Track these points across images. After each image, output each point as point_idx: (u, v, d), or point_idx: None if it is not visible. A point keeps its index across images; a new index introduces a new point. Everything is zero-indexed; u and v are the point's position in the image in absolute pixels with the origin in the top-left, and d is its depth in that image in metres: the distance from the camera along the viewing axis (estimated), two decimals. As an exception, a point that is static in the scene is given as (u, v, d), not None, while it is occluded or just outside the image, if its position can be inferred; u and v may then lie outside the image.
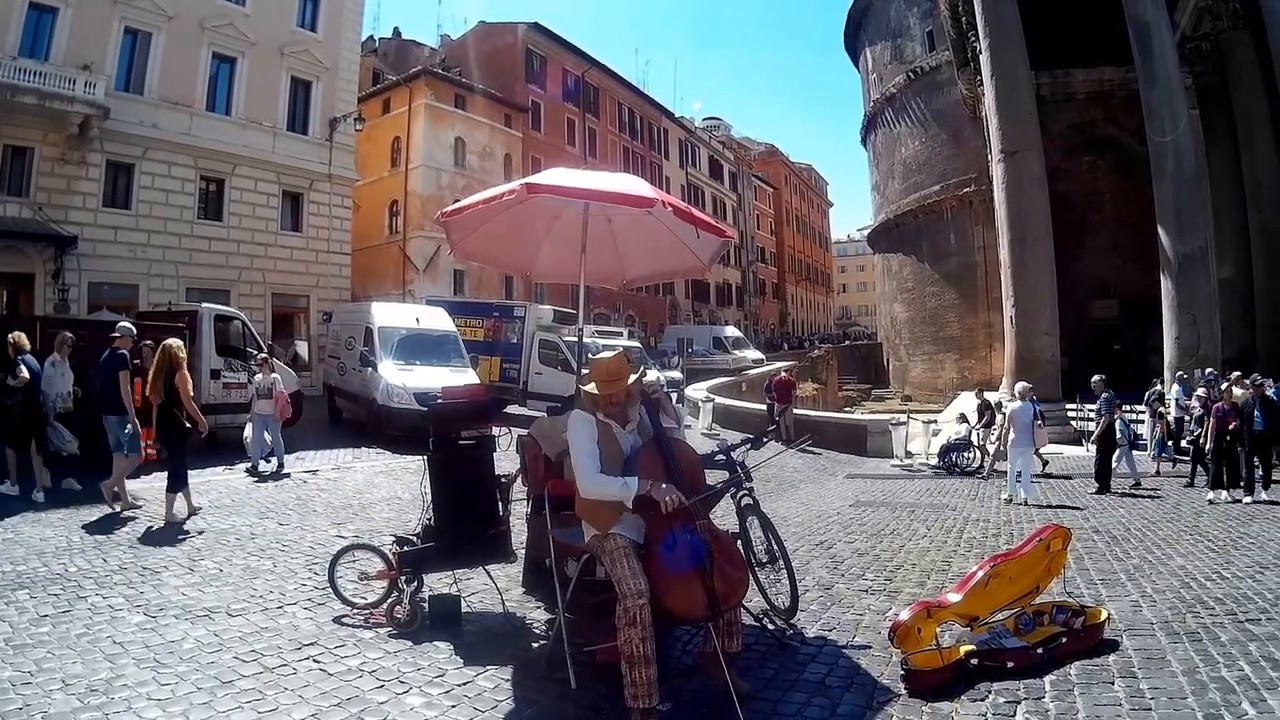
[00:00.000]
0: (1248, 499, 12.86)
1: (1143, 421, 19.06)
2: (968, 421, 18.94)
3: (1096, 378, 15.81)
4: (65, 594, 6.54)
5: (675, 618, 4.54)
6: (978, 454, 18.26)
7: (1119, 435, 15.16)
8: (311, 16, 30.75)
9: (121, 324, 10.96)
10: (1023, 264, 26.60)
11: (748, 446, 7.13)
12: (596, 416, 4.83)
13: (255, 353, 17.27)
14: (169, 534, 8.79)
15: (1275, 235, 26.49)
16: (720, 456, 6.76)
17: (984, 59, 28.79)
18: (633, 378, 4.90)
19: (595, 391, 4.82)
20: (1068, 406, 24.68)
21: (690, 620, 4.72)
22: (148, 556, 7.81)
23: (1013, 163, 27.06)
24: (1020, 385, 15.55)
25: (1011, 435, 14.21)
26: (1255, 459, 13.45)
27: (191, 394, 9.85)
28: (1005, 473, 14.68)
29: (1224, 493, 13.25)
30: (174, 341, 9.95)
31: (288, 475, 12.88)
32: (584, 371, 5.74)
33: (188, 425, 9.73)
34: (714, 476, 6.60)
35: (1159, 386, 20.46)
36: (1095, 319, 34.86)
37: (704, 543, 4.54)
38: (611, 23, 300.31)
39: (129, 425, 9.69)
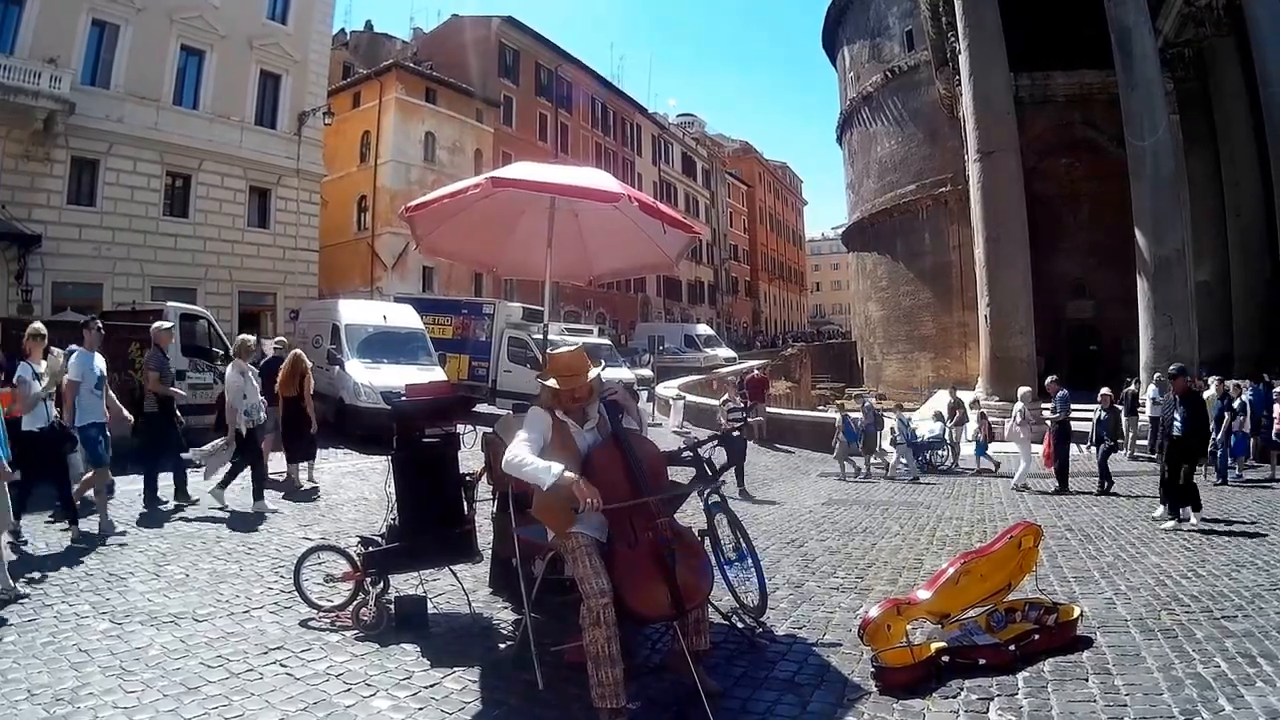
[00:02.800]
0: (1193, 519, 10.64)
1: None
2: (943, 420, 18.91)
3: (1051, 378, 15.86)
4: (31, 602, 6.42)
5: (639, 617, 4.47)
6: (950, 451, 18.28)
7: (1101, 434, 15.37)
8: (282, 9, 30.50)
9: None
10: (998, 264, 26.67)
11: (715, 444, 7.06)
12: (555, 414, 4.74)
13: (220, 352, 17.11)
14: (134, 540, 8.62)
15: (1253, 239, 26.72)
16: (688, 454, 6.68)
17: (963, 59, 28.85)
18: (593, 373, 4.80)
19: (555, 386, 4.72)
20: (1044, 406, 24.75)
21: (655, 619, 4.69)
22: (114, 563, 7.69)
23: (989, 163, 27.13)
24: (1023, 390, 15.99)
25: (1021, 434, 15.13)
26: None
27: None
28: (990, 470, 17.15)
29: (1169, 520, 10.76)
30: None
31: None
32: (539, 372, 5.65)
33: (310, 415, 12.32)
34: (684, 475, 6.56)
35: (1133, 386, 20.56)
36: (1071, 319, 35.03)
37: (666, 541, 4.46)
38: (586, 18, 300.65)
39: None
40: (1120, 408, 18.49)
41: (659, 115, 76.06)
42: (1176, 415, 11.08)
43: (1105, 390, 16.26)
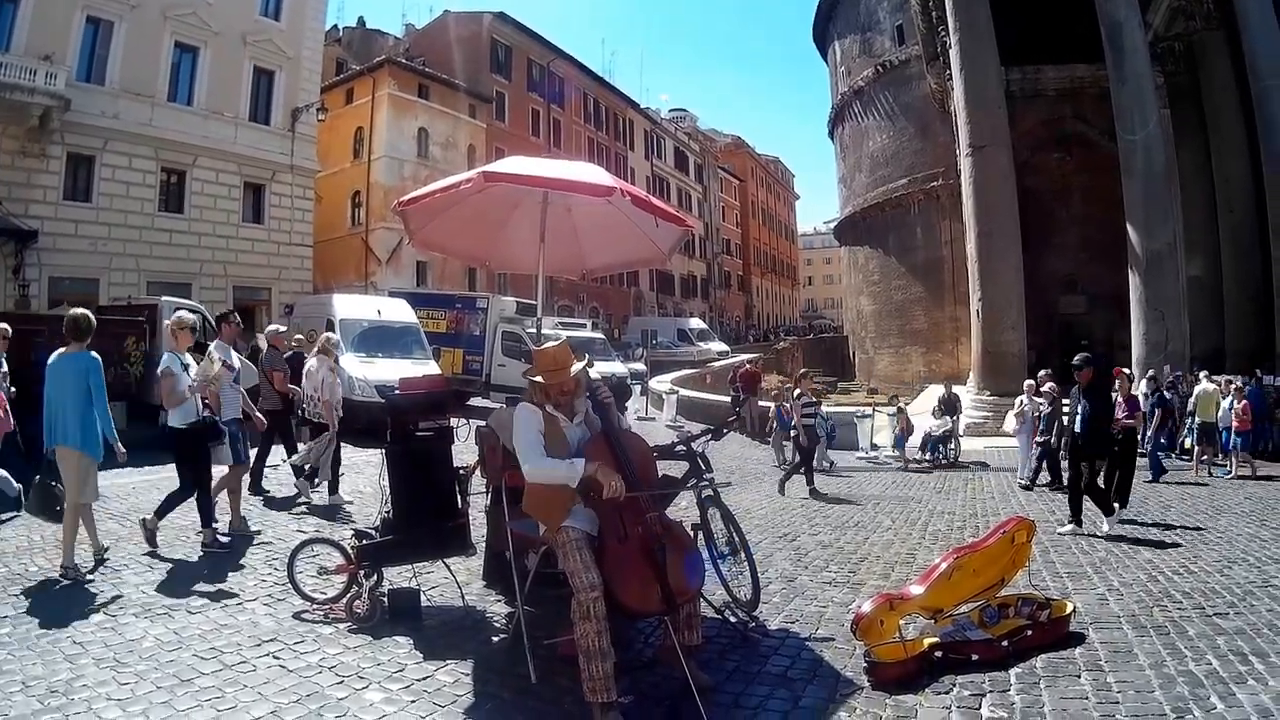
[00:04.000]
0: (1105, 525, 9.92)
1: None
2: (949, 414, 18.96)
3: (1042, 372, 15.86)
4: (26, 594, 6.42)
5: (630, 612, 4.48)
6: (957, 445, 18.38)
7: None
8: (275, 5, 30.46)
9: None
10: (990, 258, 26.73)
11: (708, 438, 7.05)
12: (544, 409, 4.74)
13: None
14: (129, 532, 8.55)
15: (1244, 234, 26.75)
16: (680, 448, 6.67)
17: (954, 53, 28.90)
18: (578, 366, 4.80)
19: (542, 381, 4.73)
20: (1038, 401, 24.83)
21: (645, 614, 4.71)
22: (108, 554, 7.64)
23: (981, 157, 27.17)
24: (1028, 383, 15.89)
25: (1022, 429, 15.19)
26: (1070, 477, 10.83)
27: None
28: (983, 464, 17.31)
29: (1103, 523, 9.98)
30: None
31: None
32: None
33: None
34: (676, 469, 6.55)
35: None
36: (1063, 314, 35.06)
37: (656, 535, 4.47)
38: (578, 13, 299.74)
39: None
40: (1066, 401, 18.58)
41: (651, 110, 76.03)
42: (1078, 410, 10.31)
43: (1050, 384, 14.73)
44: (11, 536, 8.29)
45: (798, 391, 15.37)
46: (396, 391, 6.77)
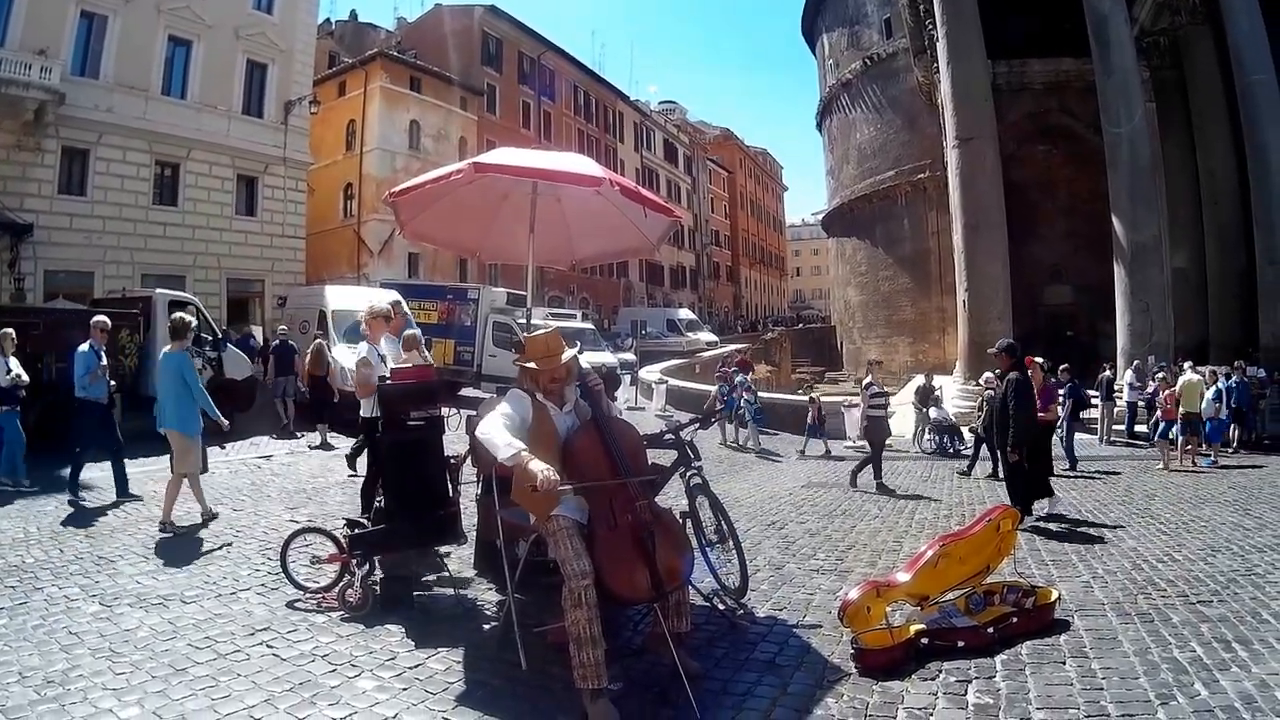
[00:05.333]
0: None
1: (1095, 405, 19.50)
2: (924, 405, 19.04)
3: (1038, 359, 15.98)
4: (22, 585, 6.47)
5: (620, 599, 4.50)
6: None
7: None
8: (268, -1, 30.40)
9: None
10: (976, 250, 26.79)
11: (696, 426, 7.09)
12: (535, 397, 4.76)
13: (209, 338, 17.11)
14: (124, 524, 8.70)
15: (1228, 227, 26.88)
16: (669, 436, 6.70)
17: (941, 47, 28.91)
18: (569, 353, 4.83)
19: (533, 367, 4.75)
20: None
21: (635, 601, 4.73)
22: (103, 546, 7.73)
23: (967, 149, 27.22)
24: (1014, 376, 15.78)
25: None
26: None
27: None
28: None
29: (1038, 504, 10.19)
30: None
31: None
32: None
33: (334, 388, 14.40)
34: (665, 458, 6.58)
35: (1108, 372, 20.73)
36: (1049, 305, 35.16)
37: (646, 523, 4.50)
38: (569, 6, 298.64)
39: None
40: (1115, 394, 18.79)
41: (641, 102, 76.01)
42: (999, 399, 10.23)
43: (988, 374, 14.53)
44: (8, 528, 8.31)
45: (868, 379, 14.81)
46: (388, 382, 6.79)
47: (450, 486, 6.44)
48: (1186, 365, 17.54)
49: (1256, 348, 22.91)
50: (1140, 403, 19.18)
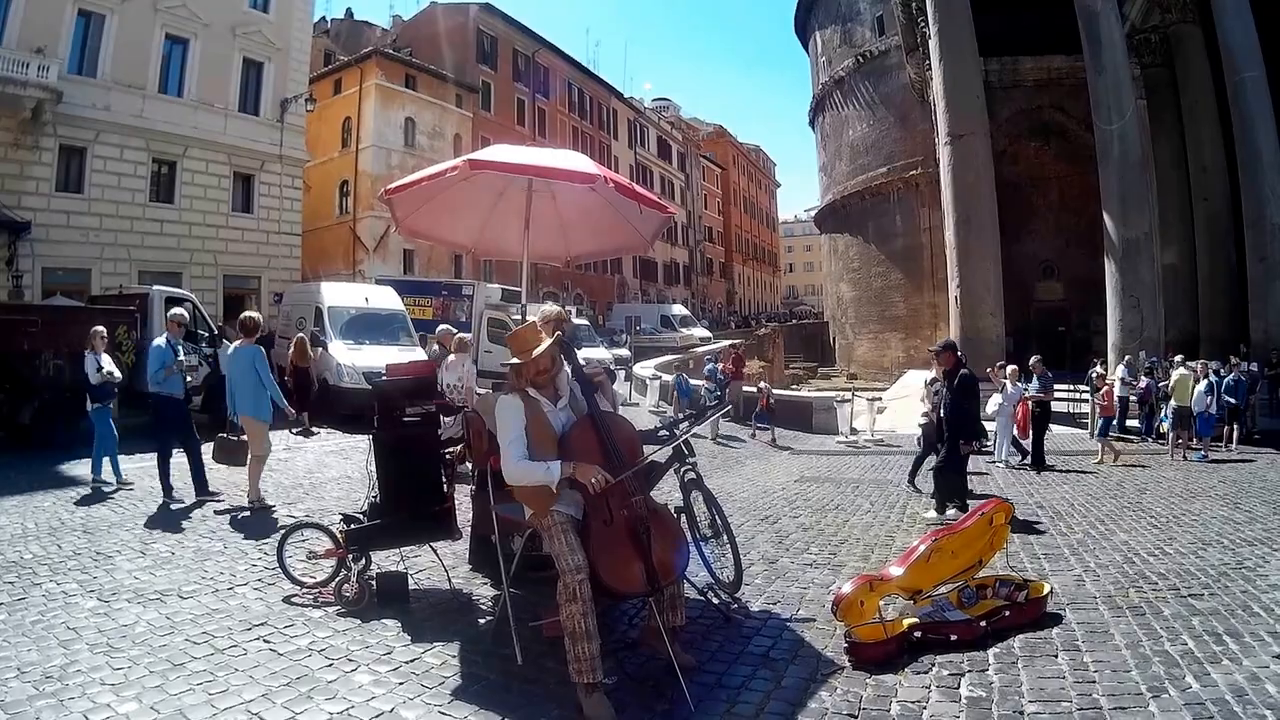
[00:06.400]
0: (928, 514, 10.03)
1: (1087, 400, 19.57)
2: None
3: (1035, 358, 16.02)
4: (20, 581, 6.47)
5: (614, 593, 4.51)
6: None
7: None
8: (265, -4, 30.43)
9: None
10: (968, 245, 26.80)
11: (691, 422, 7.10)
12: (526, 393, 4.70)
13: (205, 334, 17.11)
14: (122, 519, 8.70)
15: (1218, 223, 27.01)
16: (663, 431, 6.72)
17: (933, 44, 28.90)
18: (544, 344, 4.68)
19: (517, 363, 4.72)
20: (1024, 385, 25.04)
21: (629, 595, 4.73)
22: (101, 541, 7.74)
23: (959, 146, 27.23)
24: (1011, 368, 15.81)
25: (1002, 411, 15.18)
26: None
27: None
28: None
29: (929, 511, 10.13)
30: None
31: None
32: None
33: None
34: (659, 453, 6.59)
35: (1099, 367, 20.80)
36: (1040, 300, 35.32)
37: (641, 518, 4.52)
38: (563, 3, 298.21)
39: None
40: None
41: (635, 100, 75.92)
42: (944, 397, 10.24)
43: (930, 374, 14.18)
44: (6, 524, 8.31)
45: (931, 375, 13.28)
46: (384, 377, 6.80)
47: (445, 482, 6.43)
48: (1177, 360, 17.62)
49: (1246, 343, 23.00)
50: (1132, 397, 19.24)
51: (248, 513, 8.94)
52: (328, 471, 12.08)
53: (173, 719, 4.17)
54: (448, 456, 6.50)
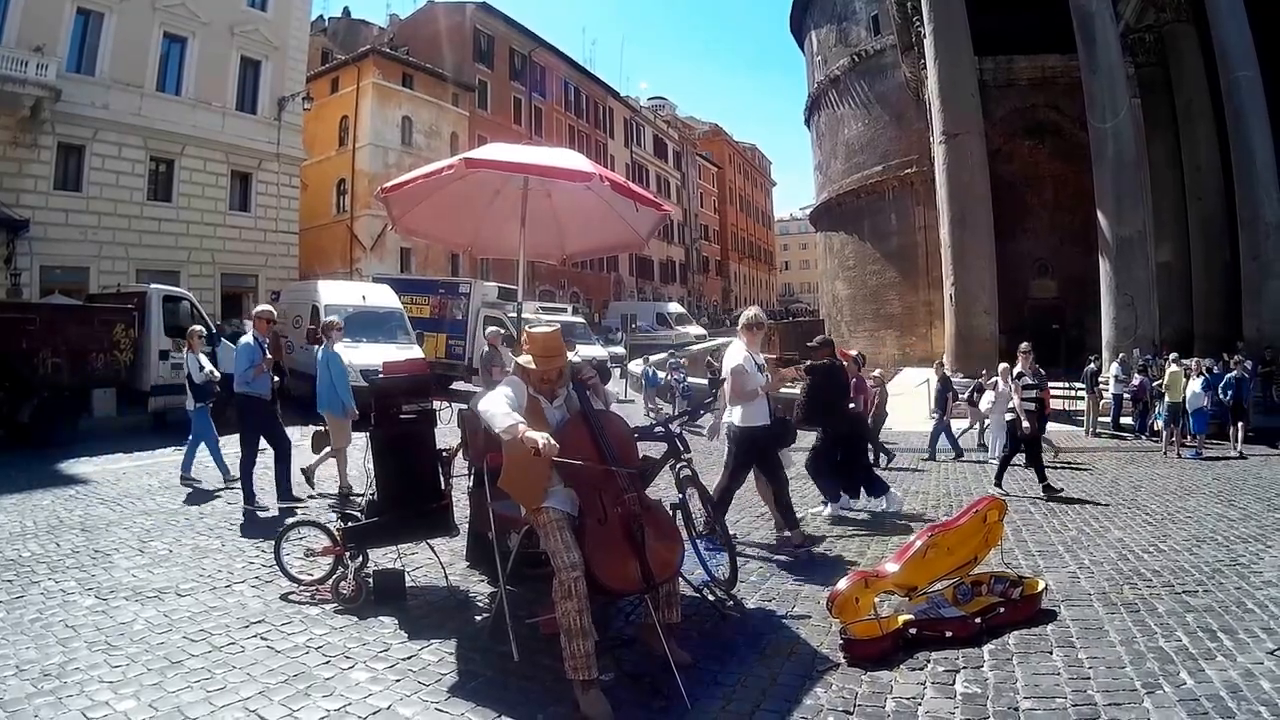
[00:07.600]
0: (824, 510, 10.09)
1: (1082, 398, 19.63)
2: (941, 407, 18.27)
3: (1024, 345, 15.86)
4: (19, 579, 6.49)
5: (610, 591, 4.53)
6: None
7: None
8: (261, -5, 30.45)
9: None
10: (963, 244, 26.86)
11: (685, 418, 7.12)
12: (528, 389, 4.75)
13: (203, 333, 17.16)
14: (120, 518, 8.72)
15: (1212, 222, 27.05)
16: (659, 429, 6.73)
17: (928, 43, 28.97)
18: (567, 356, 4.80)
19: (529, 365, 4.73)
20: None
21: (625, 593, 4.74)
22: (99, 539, 7.77)
23: (954, 145, 27.29)
24: (1003, 366, 15.72)
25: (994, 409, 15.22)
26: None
27: None
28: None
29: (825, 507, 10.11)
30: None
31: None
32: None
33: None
34: (655, 450, 6.61)
35: (1094, 364, 20.85)
36: (1035, 298, 35.24)
37: (635, 515, 4.53)
38: (560, 2, 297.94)
39: None
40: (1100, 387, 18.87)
41: (631, 98, 75.98)
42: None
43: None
44: (4, 523, 8.34)
45: (1017, 370, 12.42)
46: (381, 375, 6.81)
47: (442, 479, 6.44)
48: (1171, 357, 17.65)
49: (1241, 341, 23.04)
50: (1126, 395, 19.28)
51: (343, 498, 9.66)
52: (324, 469, 11.99)
53: (171, 716, 4.17)
54: (444, 454, 6.50)
